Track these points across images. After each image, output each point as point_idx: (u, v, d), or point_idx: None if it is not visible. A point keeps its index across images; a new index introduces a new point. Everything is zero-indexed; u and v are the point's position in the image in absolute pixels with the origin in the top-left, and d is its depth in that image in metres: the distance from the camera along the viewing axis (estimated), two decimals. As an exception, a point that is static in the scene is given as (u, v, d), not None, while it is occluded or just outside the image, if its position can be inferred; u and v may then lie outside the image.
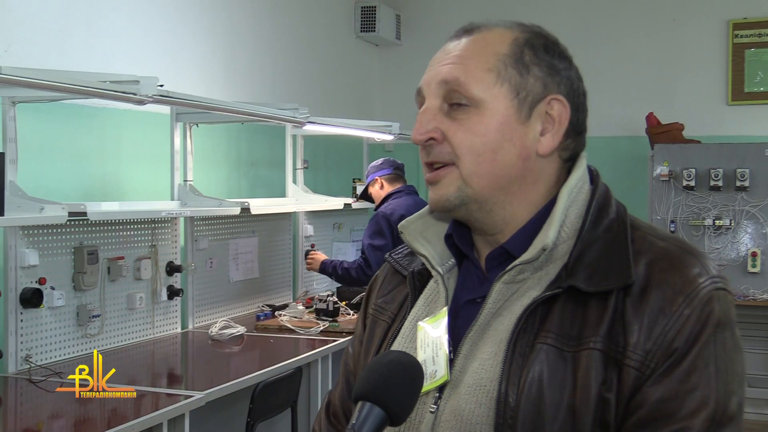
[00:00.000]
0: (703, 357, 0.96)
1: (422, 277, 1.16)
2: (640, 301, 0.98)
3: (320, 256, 4.77)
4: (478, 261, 1.13)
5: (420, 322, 1.11)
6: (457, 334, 1.07)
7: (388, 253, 1.25)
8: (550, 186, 1.11)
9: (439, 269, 1.13)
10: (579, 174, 1.10)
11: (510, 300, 1.06)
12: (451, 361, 1.05)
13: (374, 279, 1.29)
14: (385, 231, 4.47)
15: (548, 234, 1.04)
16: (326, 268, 4.65)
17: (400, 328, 1.14)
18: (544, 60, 1.08)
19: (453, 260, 1.16)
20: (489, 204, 1.08)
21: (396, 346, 1.12)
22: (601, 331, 0.98)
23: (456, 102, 1.07)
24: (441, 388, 1.05)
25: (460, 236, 1.14)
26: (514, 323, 1.01)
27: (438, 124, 1.07)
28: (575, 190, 1.08)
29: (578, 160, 1.12)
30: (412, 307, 1.15)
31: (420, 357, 1.07)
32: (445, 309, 1.09)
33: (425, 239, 1.16)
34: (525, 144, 1.07)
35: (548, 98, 1.08)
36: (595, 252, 1.03)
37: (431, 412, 1.04)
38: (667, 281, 0.99)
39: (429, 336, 1.08)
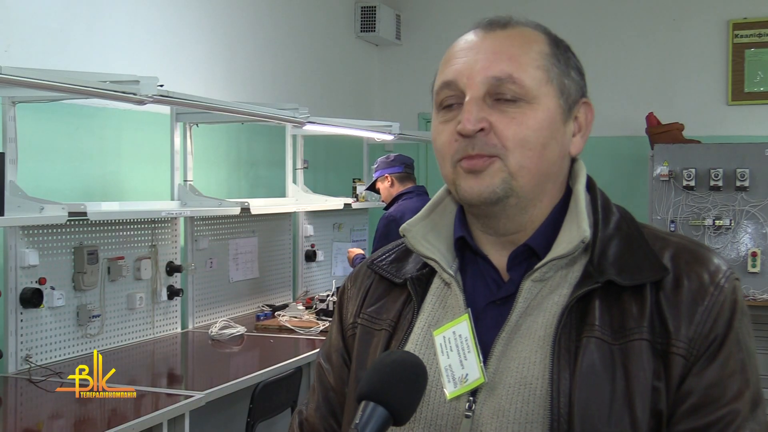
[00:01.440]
0: (736, 342, 1.01)
1: (421, 282, 1.14)
2: (674, 293, 1.02)
3: (354, 251, 4.91)
4: (492, 262, 1.12)
5: (436, 328, 1.09)
6: (483, 335, 1.06)
7: (370, 261, 1.23)
8: (564, 185, 1.13)
9: (452, 272, 1.12)
10: (585, 173, 1.13)
11: (537, 299, 1.06)
12: (483, 363, 1.05)
13: (344, 289, 1.26)
14: (391, 233, 4.44)
15: (583, 227, 1.05)
16: (354, 264, 4.83)
17: (408, 335, 1.11)
18: (574, 63, 1.12)
19: (457, 262, 1.14)
20: (527, 200, 1.08)
21: None
22: (644, 322, 1.01)
23: (503, 95, 1.05)
24: (474, 392, 1.04)
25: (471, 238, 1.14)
26: (557, 319, 1.02)
27: (485, 115, 1.05)
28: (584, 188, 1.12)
29: (579, 161, 1.15)
30: (417, 313, 1.12)
31: (443, 363, 1.06)
32: (467, 312, 1.08)
33: (428, 242, 1.14)
34: (564, 143, 1.10)
35: (582, 101, 1.12)
36: (615, 248, 1.06)
37: (467, 416, 1.03)
38: (695, 273, 1.03)
39: (450, 341, 1.07)
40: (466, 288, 1.12)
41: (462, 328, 1.07)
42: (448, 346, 1.07)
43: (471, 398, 1.04)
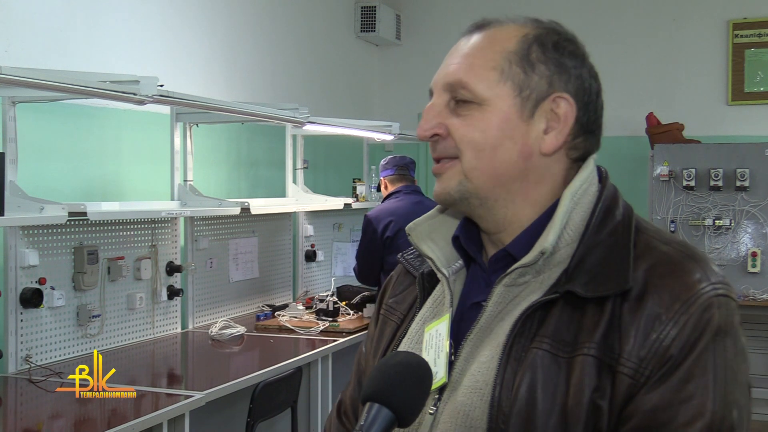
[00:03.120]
0: (700, 365, 0.94)
1: (432, 278, 1.15)
2: (637, 308, 0.96)
3: None
4: (484, 263, 1.12)
5: (426, 325, 1.11)
6: (460, 336, 1.07)
7: (400, 254, 1.25)
8: (556, 186, 1.09)
9: (445, 271, 1.12)
10: (584, 176, 1.08)
11: (512, 303, 1.05)
12: (451, 364, 1.05)
13: (388, 279, 1.29)
14: (366, 234, 4.52)
15: (548, 238, 1.02)
16: None
17: (408, 329, 1.14)
18: (552, 58, 1.08)
19: (460, 262, 1.15)
20: (490, 201, 1.08)
21: (403, 347, 1.12)
22: (596, 337, 0.96)
23: (461, 99, 1.07)
24: (441, 390, 1.05)
25: (469, 238, 1.14)
26: (511, 327, 1.01)
27: (442, 120, 1.08)
28: (579, 192, 1.06)
29: (587, 161, 1.11)
30: (420, 308, 1.14)
31: (425, 359, 1.07)
32: (449, 312, 1.09)
33: (432, 241, 1.15)
34: (527, 142, 1.06)
35: (553, 96, 1.07)
36: (596, 256, 1.01)
37: (430, 413, 1.04)
38: (666, 287, 0.97)
39: (433, 338, 1.08)
40: (463, 287, 1.13)
41: (443, 327, 1.08)
42: (430, 343, 1.08)
43: (437, 396, 1.05)
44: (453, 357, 1.06)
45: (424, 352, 1.08)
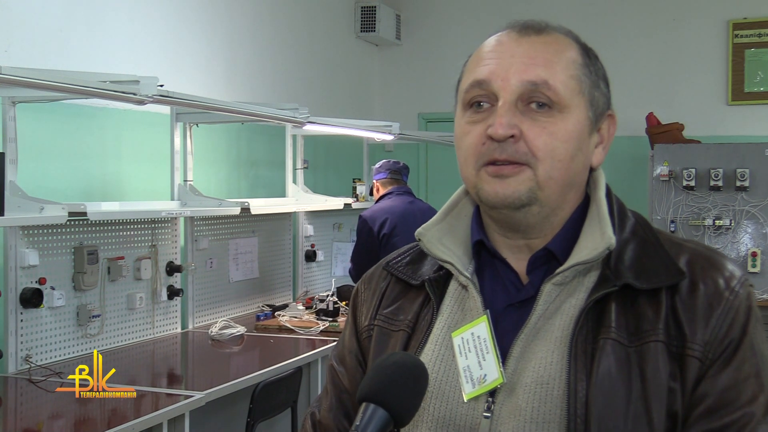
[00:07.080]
0: (751, 347, 1.02)
1: (439, 284, 1.14)
2: (690, 297, 1.03)
3: None
4: (510, 265, 1.12)
5: (455, 330, 1.09)
6: (502, 338, 1.07)
7: (385, 263, 1.23)
8: (583, 192, 1.14)
9: (468, 275, 1.12)
10: (605, 180, 1.14)
11: (556, 302, 1.06)
12: (502, 364, 1.05)
13: (358, 292, 1.26)
14: (361, 234, 4.58)
15: (608, 234, 1.05)
16: None
17: (427, 337, 1.11)
18: (602, 73, 1.12)
19: (473, 265, 1.14)
20: (549, 209, 1.08)
21: (425, 354, 1.10)
22: (659, 325, 1.01)
23: (536, 101, 1.04)
24: (493, 392, 1.04)
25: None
26: (574, 321, 1.03)
27: (518, 122, 1.04)
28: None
29: (597, 169, 1.15)
30: (436, 315, 1.13)
31: (461, 364, 1.07)
32: (486, 314, 1.08)
33: (444, 246, 1.14)
34: (588, 155, 1.10)
35: (607, 113, 1.11)
36: (632, 252, 1.06)
37: (486, 417, 1.04)
38: (711, 278, 1.04)
39: (468, 342, 1.07)
40: (484, 291, 1.11)
41: (481, 329, 1.07)
42: (467, 347, 1.07)
43: (490, 399, 1.04)
44: (501, 358, 1.05)
45: (459, 357, 1.07)
